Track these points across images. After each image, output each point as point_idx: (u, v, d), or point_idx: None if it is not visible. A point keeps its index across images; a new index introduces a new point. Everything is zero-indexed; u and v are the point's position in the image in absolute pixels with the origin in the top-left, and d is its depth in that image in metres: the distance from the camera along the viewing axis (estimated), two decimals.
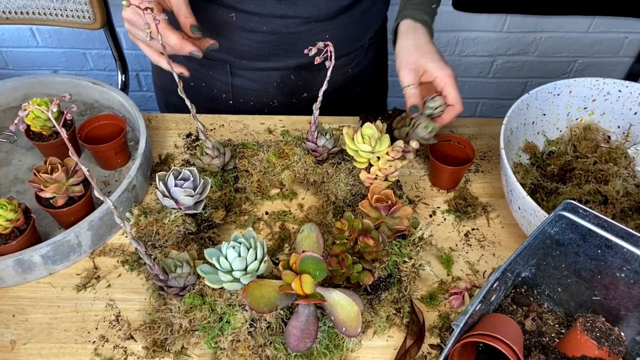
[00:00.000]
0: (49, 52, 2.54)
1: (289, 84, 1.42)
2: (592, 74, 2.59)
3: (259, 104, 1.46)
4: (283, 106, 1.47)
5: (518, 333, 0.86)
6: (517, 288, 1.01)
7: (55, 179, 1.06)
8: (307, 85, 1.43)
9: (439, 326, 1.01)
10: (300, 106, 1.47)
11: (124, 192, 1.10)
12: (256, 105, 1.47)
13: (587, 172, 1.18)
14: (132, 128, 1.33)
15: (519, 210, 1.05)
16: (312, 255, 0.88)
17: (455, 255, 1.12)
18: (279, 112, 1.45)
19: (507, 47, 2.49)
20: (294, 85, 1.42)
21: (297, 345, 0.89)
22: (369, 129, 1.08)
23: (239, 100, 1.45)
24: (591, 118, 1.26)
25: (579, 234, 0.91)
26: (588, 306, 0.95)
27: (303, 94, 1.45)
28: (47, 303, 1.03)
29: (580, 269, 0.93)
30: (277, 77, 1.40)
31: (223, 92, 1.44)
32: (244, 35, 1.31)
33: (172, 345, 0.95)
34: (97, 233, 1.09)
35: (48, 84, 1.34)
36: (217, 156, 1.17)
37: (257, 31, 1.30)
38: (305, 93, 1.45)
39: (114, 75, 2.07)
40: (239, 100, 1.45)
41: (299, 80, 1.41)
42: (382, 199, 1.05)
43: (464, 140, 1.22)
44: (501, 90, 2.70)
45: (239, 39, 1.32)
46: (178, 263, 0.98)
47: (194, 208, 1.07)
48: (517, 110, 1.16)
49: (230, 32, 1.31)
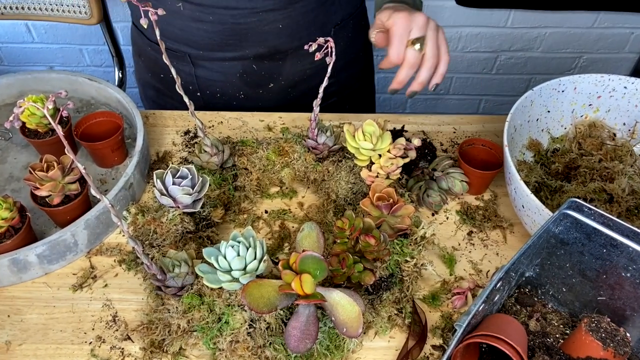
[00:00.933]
0: (45, 47, 2.54)
1: (252, 74, 1.41)
2: (597, 70, 2.59)
3: (225, 95, 1.46)
4: (250, 98, 1.47)
5: (522, 334, 0.86)
6: (521, 288, 1.01)
7: (51, 177, 1.06)
8: (272, 75, 1.42)
9: (441, 327, 1.01)
10: (269, 97, 1.46)
11: (121, 191, 1.10)
12: (223, 97, 1.47)
13: (592, 170, 1.18)
14: (129, 125, 1.33)
15: (523, 209, 1.05)
16: (313, 255, 0.88)
17: (458, 254, 1.12)
18: (248, 105, 1.46)
19: (511, 42, 2.49)
20: (258, 75, 1.42)
21: (297, 346, 0.89)
22: (370, 126, 1.07)
23: (205, 92, 1.46)
24: (596, 115, 1.25)
25: (583, 233, 0.90)
26: (593, 306, 0.95)
27: (269, 84, 1.44)
28: (43, 303, 1.03)
29: (585, 269, 0.93)
30: (238, 67, 1.40)
31: (189, 83, 1.45)
32: (194, 25, 1.31)
33: (170, 346, 0.95)
34: (94, 232, 1.09)
35: (44, 80, 1.34)
36: (215, 154, 1.16)
37: (205, 21, 1.29)
38: (271, 83, 1.44)
39: (111, 72, 2.07)
40: (205, 92, 1.46)
41: (262, 70, 1.41)
42: (383, 197, 1.05)
43: (490, 142, 1.21)
44: (505, 87, 2.70)
45: (191, 30, 1.32)
46: (176, 262, 0.98)
47: (192, 206, 1.07)
48: (521, 107, 1.16)
49: (182, 23, 1.31)
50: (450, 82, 2.68)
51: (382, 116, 1.30)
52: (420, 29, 1.08)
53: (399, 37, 1.08)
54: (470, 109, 2.83)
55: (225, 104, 1.47)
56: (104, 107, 1.36)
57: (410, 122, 1.37)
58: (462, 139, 1.34)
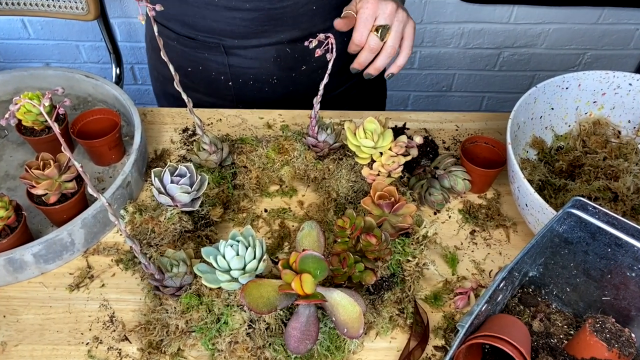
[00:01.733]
0: (41, 44, 2.54)
1: (287, 58, 1.42)
2: (601, 67, 2.59)
3: (258, 82, 1.46)
4: (283, 82, 1.47)
5: (525, 334, 0.86)
6: (525, 288, 1.01)
7: (47, 175, 1.06)
8: (305, 57, 1.43)
9: (443, 327, 1.01)
10: (300, 80, 1.47)
11: (118, 189, 1.10)
12: (256, 84, 1.47)
13: (596, 168, 1.17)
14: (126, 123, 1.33)
15: (527, 208, 1.05)
16: (313, 254, 0.88)
17: (461, 253, 1.12)
18: (280, 90, 1.46)
19: (514, 39, 2.49)
20: (292, 58, 1.42)
21: (297, 346, 0.89)
22: (371, 123, 1.07)
23: (238, 81, 1.45)
24: (601, 112, 1.25)
25: (588, 232, 0.90)
26: (598, 307, 0.95)
27: (302, 66, 1.44)
28: (39, 303, 1.03)
29: (589, 268, 0.93)
30: (272, 52, 1.40)
31: (221, 73, 1.44)
32: (229, 14, 1.31)
33: (168, 347, 0.95)
34: (91, 231, 1.09)
35: (40, 77, 1.34)
36: (214, 152, 1.16)
37: (241, 9, 1.29)
38: (304, 66, 1.44)
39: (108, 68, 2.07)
40: (237, 80, 1.45)
41: (295, 53, 1.41)
42: (385, 196, 1.05)
43: (493, 140, 1.21)
44: (508, 84, 2.70)
45: (225, 19, 1.32)
46: (174, 262, 0.98)
47: (191, 205, 1.07)
48: (525, 104, 1.15)
49: (215, 14, 1.31)
50: (452, 79, 2.68)
51: (383, 113, 1.30)
52: (387, 17, 1.12)
53: (364, 22, 1.12)
54: (473, 106, 2.83)
55: (257, 91, 1.48)
56: (101, 105, 1.36)
57: (412, 119, 1.37)
58: (464, 136, 1.34)
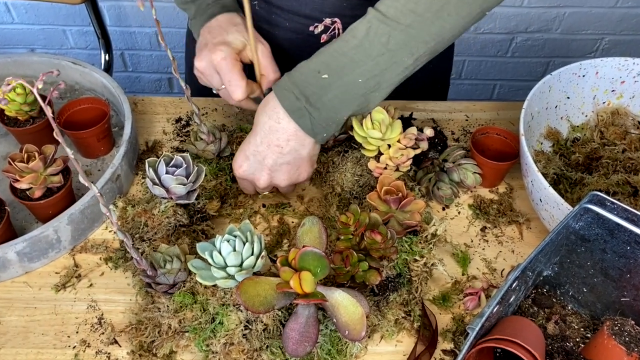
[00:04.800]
0: (26, 29, 2.54)
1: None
2: (620, 53, 2.58)
3: None
4: None
5: (539, 337, 0.86)
6: (539, 288, 1.01)
7: (31, 169, 1.05)
8: None
9: (452, 330, 1.01)
10: None
11: (107, 183, 1.10)
12: None
13: (615, 161, 1.17)
14: (116, 112, 1.33)
15: (541, 203, 1.04)
16: (314, 251, 0.87)
17: (471, 252, 1.11)
18: None
19: (528, 23, 2.48)
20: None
21: (296, 349, 0.89)
22: (379, 113, 1.07)
23: None
24: (620, 102, 1.25)
25: (606, 228, 0.90)
26: (616, 308, 0.95)
27: None
28: (23, 304, 1.03)
29: (607, 267, 0.93)
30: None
31: None
32: (265, 28, 1.29)
33: (159, 348, 0.95)
34: (78, 227, 1.09)
35: (24, 64, 1.33)
36: (212, 141, 1.16)
37: (279, 26, 1.28)
38: None
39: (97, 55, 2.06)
40: None
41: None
42: (392, 191, 1.04)
43: (505, 130, 1.21)
44: (521, 71, 2.69)
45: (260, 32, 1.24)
46: (167, 258, 0.98)
47: (187, 198, 1.06)
48: (539, 93, 1.15)
49: None
50: (462, 65, 2.67)
51: (390, 103, 1.30)
52: (260, 189, 1.11)
53: (243, 187, 1.14)
54: (484, 95, 2.82)
55: None
56: (89, 93, 1.35)
57: (419, 109, 1.37)
58: (474, 127, 1.33)
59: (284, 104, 1.00)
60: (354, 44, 0.96)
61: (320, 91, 0.98)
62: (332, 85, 0.98)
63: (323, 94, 0.98)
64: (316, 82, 0.98)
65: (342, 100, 0.99)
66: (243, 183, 1.12)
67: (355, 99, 1.00)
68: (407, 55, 0.95)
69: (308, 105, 0.99)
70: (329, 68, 0.97)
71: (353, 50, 0.96)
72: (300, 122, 1.00)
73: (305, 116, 0.99)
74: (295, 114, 0.99)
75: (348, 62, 0.96)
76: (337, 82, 0.98)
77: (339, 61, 0.97)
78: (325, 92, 0.98)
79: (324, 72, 0.98)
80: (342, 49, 0.97)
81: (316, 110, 0.99)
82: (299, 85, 0.99)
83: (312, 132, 1.01)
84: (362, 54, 0.95)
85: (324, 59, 0.99)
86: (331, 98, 0.99)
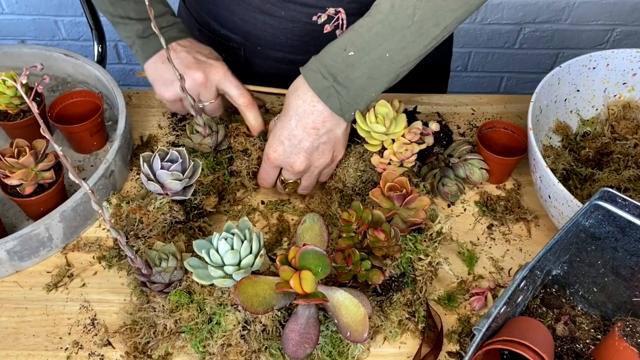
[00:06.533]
0: (16, 19, 2.54)
1: None
2: (632, 45, 2.58)
3: None
4: None
5: (548, 339, 0.85)
6: (547, 288, 1.01)
7: (22, 164, 1.05)
8: None
9: (458, 331, 1.01)
10: None
11: (100, 179, 1.10)
12: None
13: (626, 156, 1.17)
14: (109, 106, 1.33)
15: (549, 200, 1.04)
16: (314, 249, 0.87)
17: (477, 250, 1.11)
18: None
19: (536, 13, 2.48)
20: None
21: (296, 351, 0.89)
22: (383, 107, 1.07)
23: None
24: (631, 95, 1.25)
25: (617, 226, 0.90)
26: (628, 308, 0.95)
27: None
28: (14, 305, 1.03)
29: (618, 266, 0.93)
30: (296, 72, 1.36)
31: None
32: (260, 17, 1.29)
33: (155, 350, 0.95)
34: (70, 225, 1.08)
35: (14, 55, 1.33)
36: (209, 134, 1.16)
37: (274, 15, 1.27)
38: None
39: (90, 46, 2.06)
40: None
41: None
42: (395, 188, 1.04)
43: (512, 125, 1.21)
44: (529, 63, 2.69)
45: (254, 22, 1.30)
46: (163, 256, 0.98)
47: (183, 194, 1.06)
48: (547, 85, 1.15)
49: (245, 12, 1.29)
50: (468, 57, 2.67)
51: (393, 96, 1.29)
52: (293, 174, 1.11)
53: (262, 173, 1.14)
54: (491, 88, 2.82)
55: None
56: (82, 86, 1.35)
57: (424, 102, 1.37)
58: (481, 121, 1.33)
59: (312, 84, 1.01)
60: (379, 18, 0.96)
61: (348, 69, 0.99)
62: (359, 62, 0.99)
63: (351, 72, 1.00)
64: (343, 60, 0.99)
65: (371, 77, 1.00)
66: (267, 173, 1.12)
67: (385, 75, 1.01)
68: (433, 26, 0.96)
69: (336, 84, 1.00)
70: (355, 45, 0.98)
71: (379, 24, 0.96)
72: (329, 102, 1.01)
73: (333, 95, 1.01)
74: (323, 94, 1.01)
75: (374, 36, 0.97)
76: (363, 58, 0.99)
77: (365, 37, 0.98)
78: (353, 70, 0.99)
79: (350, 49, 0.99)
80: (367, 24, 0.98)
81: (344, 88, 1.00)
82: (325, 64, 1.01)
83: (340, 112, 1.03)
84: (387, 27, 0.96)
85: (350, 37, 1.00)
86: (359, 75, 1.00)
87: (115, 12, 1.18)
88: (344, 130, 1.07)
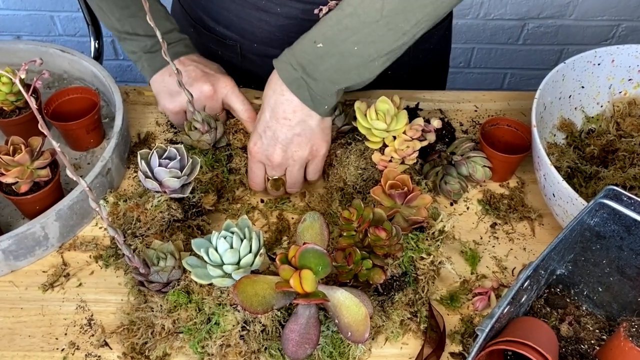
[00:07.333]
0: (11, 14, 2.53)
1: None
2: (637, 40, 2.57)
3: None
4: None
5: (552, 339, 0.85)
6: (552, 288, 1.01)
7: (18, 162, 1.05)
8: None
9: (461, 332, 1.01)
10: None
11: (97, 177, 1.10)
12: None
13: (632, 154, 1.17)
14: (106, 103, 1.33)
15: (554, 198, 1.04)
16: (315, 248, 0.87)
17: (480, 249, 1.11)
18: None
19: (540, 9, 2.48)
20: None
21: (296, 351, 0.89)
22: (384, 103, 1.06)
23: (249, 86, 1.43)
24: (637, 91, 1.25)
25: (622, 225, 0.90)
26: (633, 308, 0.95)
27: None
28: (9, 305, 1.03)
29: (624, 266, 0.93)
30: None
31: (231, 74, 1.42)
32: (256, 14, 1.29)
33: (152, 350, 0.95)
34: (67, 224, 1.08)
35: (10, 51, 1.33)
36: (207, 131, 1.16)
37: (270, 12, 1.27)
38: None
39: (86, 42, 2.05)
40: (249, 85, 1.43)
41: None
42: (397, 185, 1.04)
43: (516, 122, 1.21)
44: (533, 59, 2.69)
45: (250, 19, 1.30)
46: (161, 255, 0.98)
47: (181, 192, 1.06)
48: (552, 82, 1.15)
49: (240, 9, 1.29)
50: (471, 53, 2.67)
51: (395, 92, 1.29)
52: (274, 169, 1.12)
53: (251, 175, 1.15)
54: (494, 84, 2.82)
55: None
56: (78, 83, 1.35)
57: (426, 98, 1.37)
58: (484, 118, 1.33)
59: (282, 75, 1.03)
60: (348, 11, 0.97)
61: (317, 60, 1.01)
62: (327, 54, 1.00)
63: (319, 64, 1.01)
64: (312, 51, 1.01)
65: (339, 70, 1.01)
66: (253, 172, 1.14)
67: (352, 68, 1.01)
68: (403, 21, 0.96)
69: (305, 76, 1.01)
70: (325, 37, 0.99)
71: (348, 17, 0.97)
72: (299, 93, 1.03)
73: (303, 87, 1.02)
74: (293, 85, 1.02)
75: (343, 29, 0.98)
76: (332, 50, 0.99)
77: (334, 29, 0.99)
78: (321, 62, 1.00)
79: (320, 41, 1.00)
80: (337, 17, 0.99)
81: (313, 80, 1.01)
82: (296, 55, 1.02)
83: (311, 104, 1.04)
84: (356, 21, 0.97)
85: (321, 29, 1.01)
86: (328, 67, 1.01)
87: (122, 29, 1.20)
88: (318, 123, 1.07)
